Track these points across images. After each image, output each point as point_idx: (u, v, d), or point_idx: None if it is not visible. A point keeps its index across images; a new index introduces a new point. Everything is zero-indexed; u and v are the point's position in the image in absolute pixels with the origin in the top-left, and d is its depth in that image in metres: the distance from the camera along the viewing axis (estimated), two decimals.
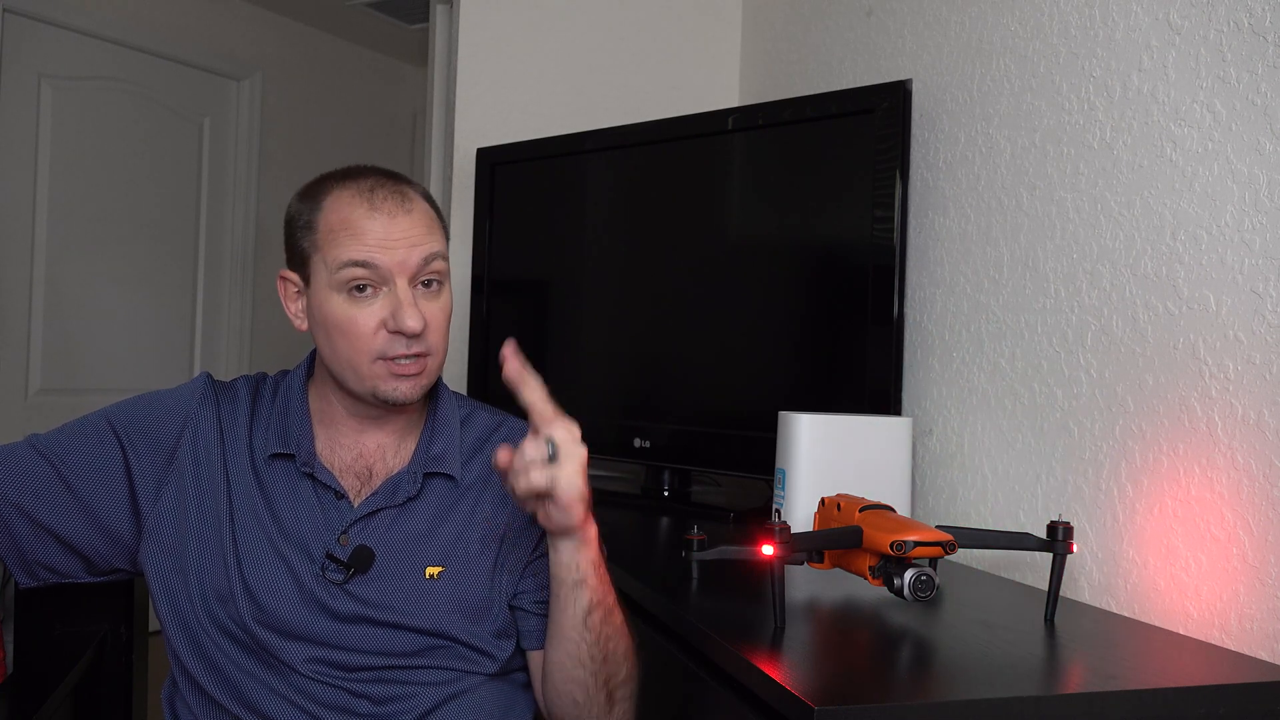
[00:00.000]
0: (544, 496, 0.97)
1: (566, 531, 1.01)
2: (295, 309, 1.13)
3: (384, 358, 1.06)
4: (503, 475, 1.00)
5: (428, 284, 1.09)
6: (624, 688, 1.09)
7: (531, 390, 0.98)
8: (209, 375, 1.18)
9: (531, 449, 0.97)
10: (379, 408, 1.11)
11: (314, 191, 1.10)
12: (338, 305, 1.06)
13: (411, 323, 1.04)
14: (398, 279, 1.06)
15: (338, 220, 1.06)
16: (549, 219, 2.17)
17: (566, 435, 0.98)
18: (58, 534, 1.07)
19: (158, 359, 3.67)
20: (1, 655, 1.26)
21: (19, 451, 1.08)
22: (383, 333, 1.05)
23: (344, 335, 1.06)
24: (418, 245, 1.07)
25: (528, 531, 1.16)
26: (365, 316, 1.05)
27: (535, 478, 0.96)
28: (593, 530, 1.04)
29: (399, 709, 1.07)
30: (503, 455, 0.99)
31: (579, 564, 1.03)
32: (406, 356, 1.06)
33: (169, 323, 3.74)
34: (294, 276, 1.12)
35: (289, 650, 1.05)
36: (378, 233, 1.05)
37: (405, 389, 1.07)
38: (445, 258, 1.11)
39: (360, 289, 1.05)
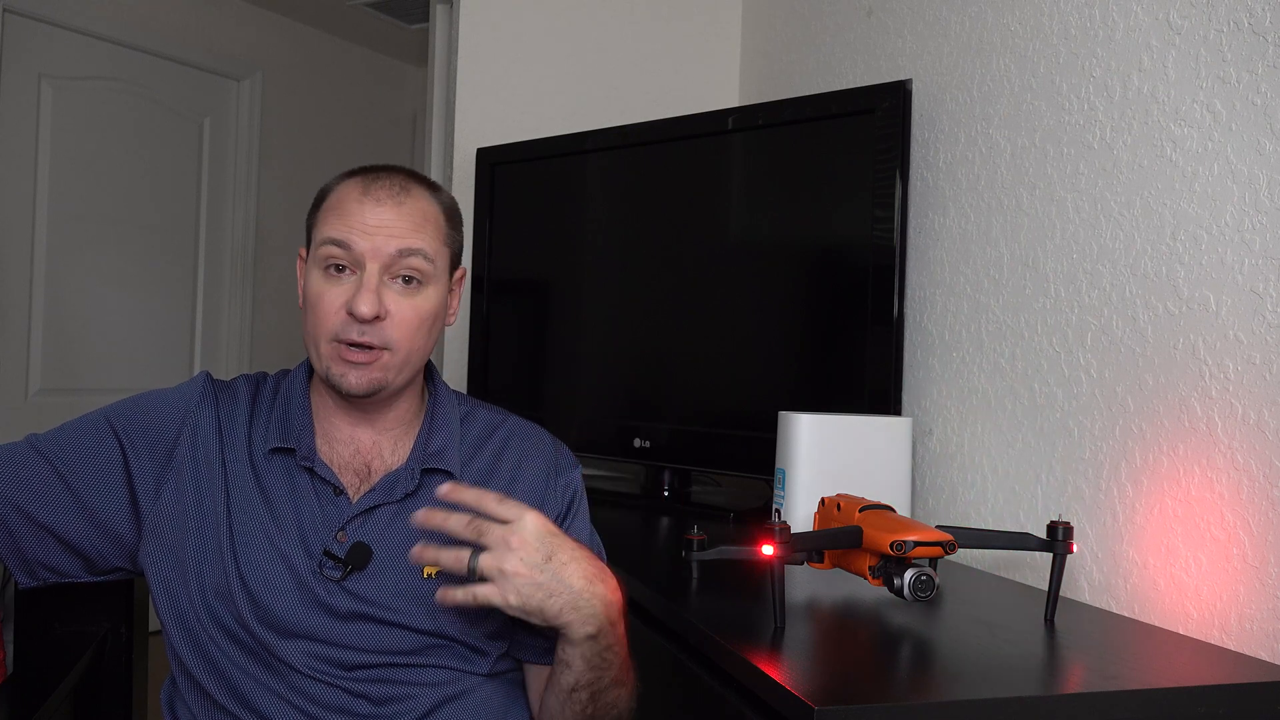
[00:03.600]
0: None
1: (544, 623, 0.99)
2: (301, 286, 1.16)
3: (338, 339, 1.07)
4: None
5: (407, 280, 1.08)
6: None
7: (488, 502, 0.98)
8: (208, 374, 1.18)
9: (527, 553, 0.96)
10: (349, 400, 1.11)
11: (337, 176, 1.14)
12: (314, 281, 1.09)
13: (363, 307, 1.04)
14: (369, 264, 1.06)
15: (335, 200, 1.10)
16: (549, 219, 2.17)
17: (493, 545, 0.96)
18: (58, 534, 1.07)
19: (158, 359, 3.67)
20: (1, 655, 1.26)
21: (18, 451, 1.08)
22: (342, 313, 1.07)
23: (312, 310, 1.09)
24: (397, 237, 1.07)
25: None
26: (332, 295, 1.07)
27: (464, 598, 0.96)
28: (583, 630, 0.99)
29: (398, 709, 1.07)
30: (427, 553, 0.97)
31: (566, 656, 1.03)
32: (355, 344, 1.06)
33: (169, 323, 3.74)
34: (304, 254, 1.16)
35: (287, 648, 1.05)
36: (360, 216, 1.07)
37: (352, 378, 1.07)
38: (431, 259, 1.09)
39: (338, 269, 1.07)
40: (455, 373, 2.35)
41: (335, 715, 1.05)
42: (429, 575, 1.09)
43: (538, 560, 0.96)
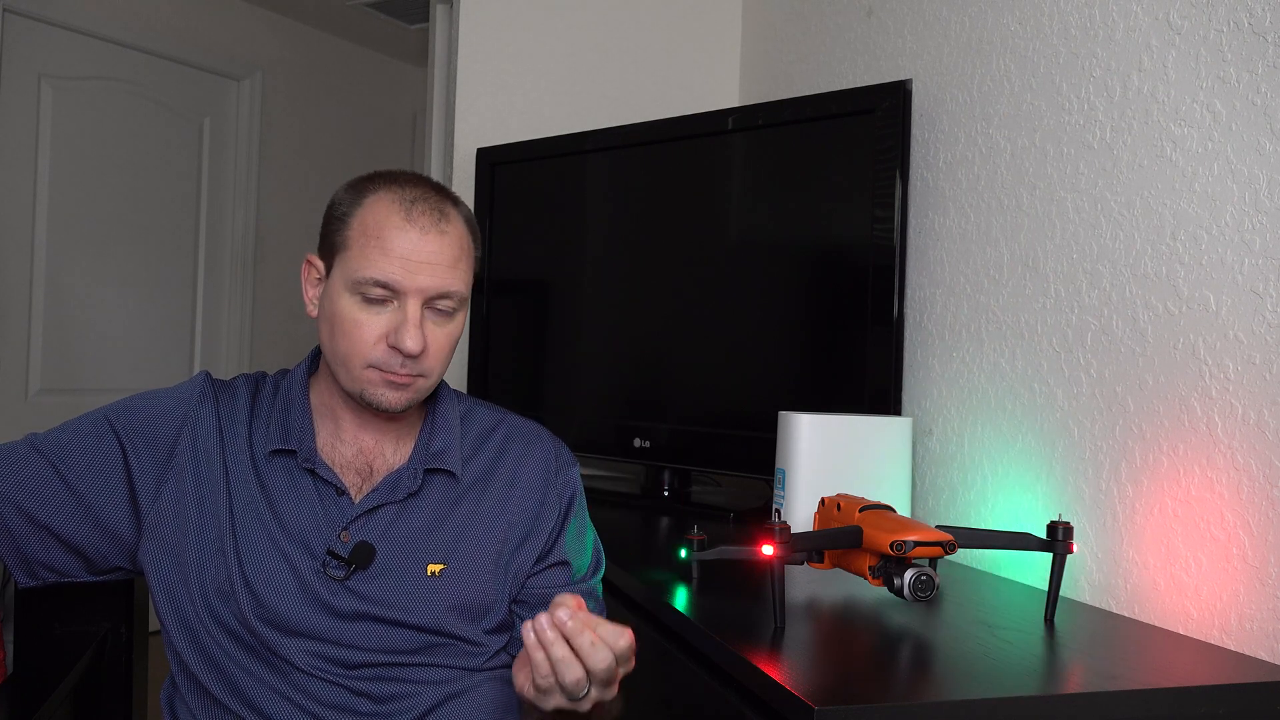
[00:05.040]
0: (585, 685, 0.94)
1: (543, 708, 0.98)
2: (312, 294, 1.14)
3: (376, 367, 1.07)
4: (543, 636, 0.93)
5: (441, 309, 1.09)
6: None
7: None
8: (208, 374, 1.18)
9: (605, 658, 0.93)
10: (378, 413, 1.12)
11: (360, 185, 1.11)
12: (348, 306, 1.07)
13: (411, 344, 1.05)
14: (410, 299, 1.06)
15: (372, 223, 1.06)
16: (549, 219, 2.17)
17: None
18: (57, 533, 1.07)
19: (158, 359, 3.67)
20: (1, 655, 1.26)
21: (18, 451, 1.08)
22: (382, 344, 1.06)
23: (346, 336, 1.07)
24: (438, 275, 1.06)
25: (532, 538, 1.16)
26: (371, 324, 1.06)
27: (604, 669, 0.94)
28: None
29: (399, 708, 1.07)
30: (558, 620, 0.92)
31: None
32: (398, 373, 1.07)
33: (169, 323, 3.74)
34: (319, 264, 1.13)
35: (289, 647, 1.05)
36: (404, 249, 1.05)
37: (392, 398, 1.08)
38: (464, 296, 1.10)
39: (374, 299, 1.06)
40: (455, 373, 2.35)
41: (336, 713, 1.05)
42: (433, 573, 1.10)
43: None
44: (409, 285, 1.05)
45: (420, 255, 1.05)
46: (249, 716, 1.05)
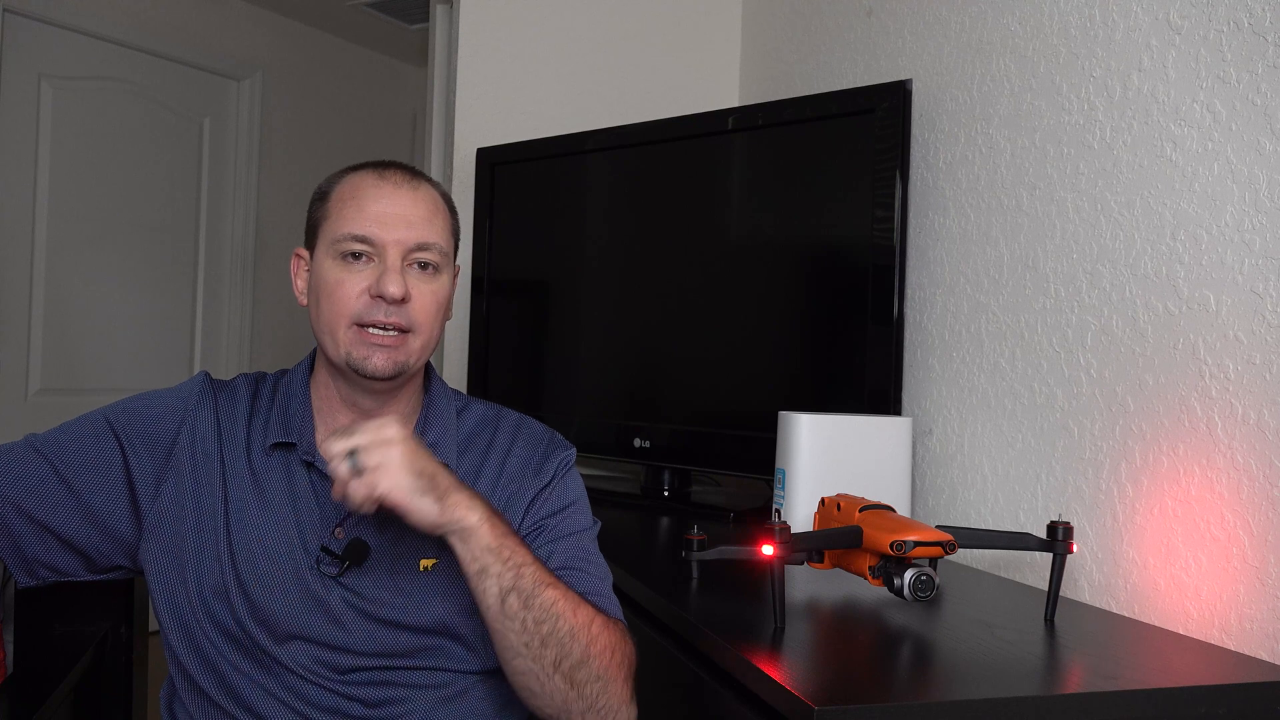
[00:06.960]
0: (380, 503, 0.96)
1: (434, 527, 0.98)
2: (301, 285, 1.17)
3: (360, 323, 1.08)
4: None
5: (423, 266, 1.11)
6: (584, 669, 1.01)
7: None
8: (207, 374, 1.18)
9: (337, 467, 0.96)
10: (363, 386, 1.11)
11: (340, 172, 1.15)
12: (330, 269, 1.10)
13: (392, 288, 1.06)
14: (390, 251, 1.08)
15: (348, 191, 1.11)
16: (549, 219, 2.17)
17: (366, 439, 0.96)
18: (57, 532, 1.07)
19: (158, 359, 3.67)
20: (1, 655, 1.26)
21: (17, 451, 1.08)
22: (365, 297, 1.08)
23: (329, 298, 1.09)
24: (415, 226, 1.10)
25: (507, 511, 1.14)
26: (353, 281, 1.08)
27: (354, 492, 0.95)
28: (471, 516, 0.98)
29: (392, 712, 1.07)
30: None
31: (473, 554, 0.99)
32: (383, 325, 1.08)
33: (169, 323, 3.74)
34: (305, 253, 1.16)
35: (283, 649, 1.05)
36: (380, 205, 1.09)
37: (377, 360, 1.08)
38: (445, 251, 1.13)
39: (355, 256, 1.09)
40: (455, 372, 2.35)
41: (329, 716, 1.05)
42: (425, 568, 1.09)
43: (414, 464, 0.97)
44: (386, 237, 1.08)
45: (394, 210, 1.09)
46: (244, 718, 1.05)
